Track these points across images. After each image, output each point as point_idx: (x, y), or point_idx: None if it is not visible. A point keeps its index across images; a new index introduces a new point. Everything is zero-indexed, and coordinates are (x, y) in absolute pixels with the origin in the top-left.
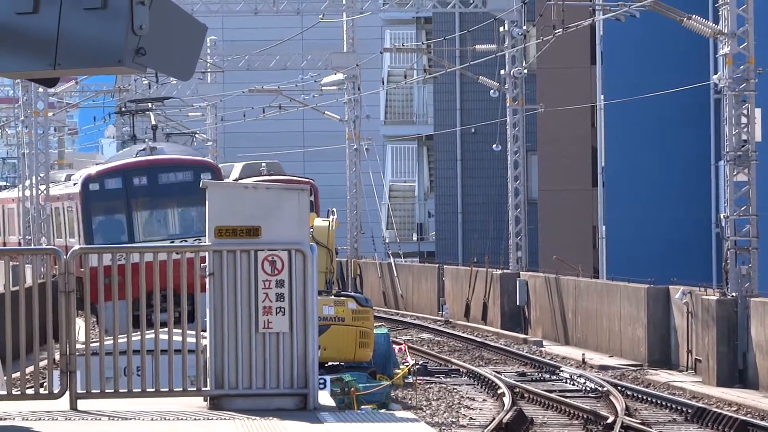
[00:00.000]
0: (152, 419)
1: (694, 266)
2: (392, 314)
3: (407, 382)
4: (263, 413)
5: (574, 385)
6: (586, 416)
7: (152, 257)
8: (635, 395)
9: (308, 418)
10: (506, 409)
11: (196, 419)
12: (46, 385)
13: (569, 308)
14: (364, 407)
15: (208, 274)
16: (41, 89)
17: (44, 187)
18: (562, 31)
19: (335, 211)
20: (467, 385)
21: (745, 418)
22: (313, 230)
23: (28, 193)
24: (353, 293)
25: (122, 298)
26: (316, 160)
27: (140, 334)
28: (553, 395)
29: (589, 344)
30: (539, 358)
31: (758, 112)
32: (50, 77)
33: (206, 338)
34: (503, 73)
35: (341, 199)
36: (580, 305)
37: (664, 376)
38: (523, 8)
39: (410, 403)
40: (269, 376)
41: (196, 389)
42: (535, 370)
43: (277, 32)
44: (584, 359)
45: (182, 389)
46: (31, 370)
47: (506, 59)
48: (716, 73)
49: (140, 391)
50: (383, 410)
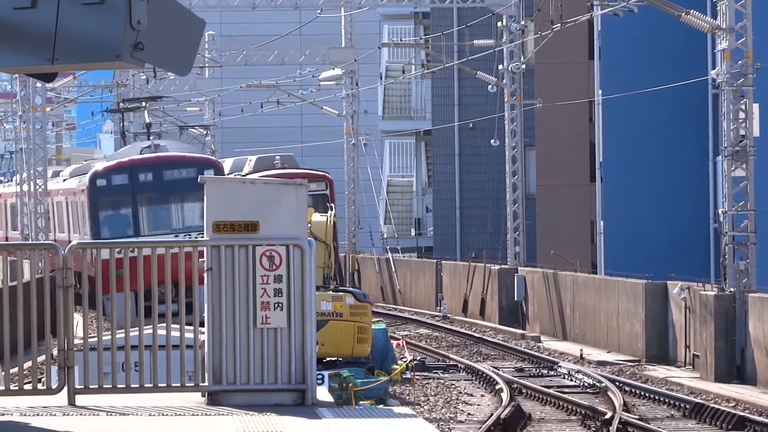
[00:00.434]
0: (150, 415)
1: (692, 261)
2: (390, 309)
3: (405, 377)
4: (261, 409)
5: (572, 380)
6: (584, 412)
7: (151, 252)
8: (633, 391)
9: (306, 413)
10: (504, 404)
11: (194, 415)
12: (44, 380)
13: (567, 303)
14: (362, 403)
15: (206, 269)
16: (39, 84)
17: (42, 182)
18: (560, 26)
19: (333, 206)
20: (465, 380)
21: (742, 413)
22: (311, 225)
23: (25, 188)
24: (351, 288)
25: (121, 291)
26: (313, 155)
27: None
28: (551, 391)
29: (587, 340)
30: (537, 353)
31: (756, 107)
32: (48, 72)
33: (204, 333)
34: (501, 68)
35: (339, 194)
36: (578, 300)
37: (661, 371)
38: (521, 3)
39: (408, 398)
40: (267, 371)
41: (194, 385)
42: (533, 365)
43: (275, 27)
44: (582, 355)
45: (180, 385)
46: (29, 365)
47: (504, 54)
48: (714, 68)
49: (138, 386)
50: (381, 406)
